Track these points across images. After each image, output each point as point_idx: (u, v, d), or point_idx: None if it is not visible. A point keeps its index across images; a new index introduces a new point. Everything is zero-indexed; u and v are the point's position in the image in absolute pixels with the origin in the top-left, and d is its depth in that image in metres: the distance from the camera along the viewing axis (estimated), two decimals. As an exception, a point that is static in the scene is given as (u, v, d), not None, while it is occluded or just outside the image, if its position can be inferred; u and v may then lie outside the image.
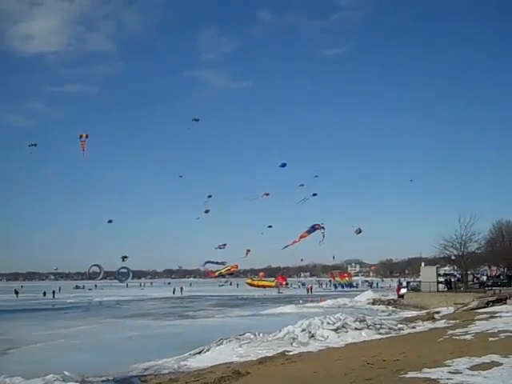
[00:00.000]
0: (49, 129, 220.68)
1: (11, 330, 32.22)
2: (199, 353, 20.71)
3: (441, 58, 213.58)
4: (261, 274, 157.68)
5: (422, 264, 55.92)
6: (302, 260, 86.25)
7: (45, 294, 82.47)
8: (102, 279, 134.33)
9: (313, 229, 60.69)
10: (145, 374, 17.26)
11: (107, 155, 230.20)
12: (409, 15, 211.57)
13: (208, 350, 20.96)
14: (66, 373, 16.16)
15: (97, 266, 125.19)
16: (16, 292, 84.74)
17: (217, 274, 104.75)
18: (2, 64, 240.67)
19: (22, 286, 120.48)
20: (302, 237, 60.64)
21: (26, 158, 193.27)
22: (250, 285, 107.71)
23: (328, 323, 23.56)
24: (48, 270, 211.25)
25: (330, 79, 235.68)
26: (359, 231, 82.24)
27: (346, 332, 23.06)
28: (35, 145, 50.23)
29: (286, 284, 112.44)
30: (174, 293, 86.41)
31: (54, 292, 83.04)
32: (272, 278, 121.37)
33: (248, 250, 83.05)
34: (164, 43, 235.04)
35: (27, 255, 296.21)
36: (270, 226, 73.87)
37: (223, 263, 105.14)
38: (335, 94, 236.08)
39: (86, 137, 46.73)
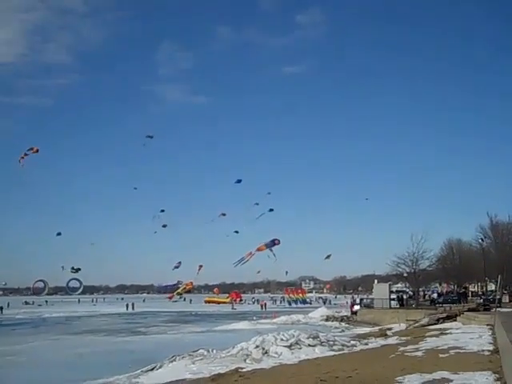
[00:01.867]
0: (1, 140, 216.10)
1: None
2: (152, 370, 20.47)
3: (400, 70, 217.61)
4: (215, 289, 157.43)
5: (375, 281, 56.67)
6: (258, 272, 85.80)
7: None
8: (46, 294, 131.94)
9: (272, 243, 60.62)
10: (96, 391, 16.98)
11: (60, 167, 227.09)
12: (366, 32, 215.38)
13: (161, 367, 20.74)
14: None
15: (41, 281, 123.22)
16: None
17: (175, 294, 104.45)
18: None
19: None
20: (258, 249, 60.43)
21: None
22: (208, 302, 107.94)
23: (282, 340, 23.55)
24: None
25: (289, 94, 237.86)
26: (328, 257, 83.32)
27: (300, 349, 23.08)
28: None
29: (241, 300, 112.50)
30: (127, 309, 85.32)
31: (1, 308, 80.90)
32: (226, 295, 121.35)
33: (200, 266, 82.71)
34: (122, 56, 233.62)
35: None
36: (237, 232, 72.67)
37: (178, 283, 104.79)
38: (294, 107, 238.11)
39: (36, 151, 45.76)
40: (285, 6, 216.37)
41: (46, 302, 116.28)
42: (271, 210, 65.99)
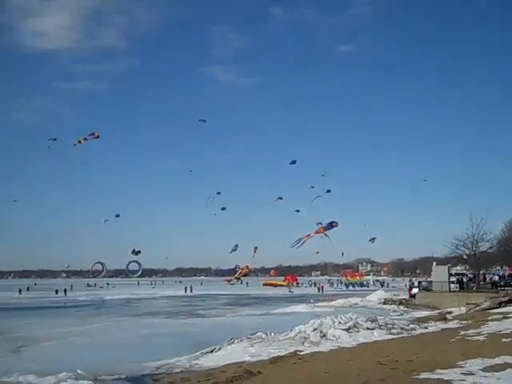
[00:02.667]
0: (58, 125, 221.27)
1: (24, 327, 32.36)
2: (211, 352, 20.73)
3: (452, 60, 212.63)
4: (272, 271, 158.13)
5: (434, 263, 55.67)
6: (317, 252, 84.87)
7: (57, 291, 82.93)
8: (104, 276, 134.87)
9: (330, 225, 60.04)
10: (157, 372, 17.31)
11: (116, 151, 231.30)
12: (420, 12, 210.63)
13: (219, 349, 20.98)
14: (79, 371, 16.24)
15: (99, 263, 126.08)
16: (20, 291, 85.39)
17: (233, 280, 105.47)
18: (12, 60, 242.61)
19: (35, 284, 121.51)
20: (317, 232, 59.99)
21: (34, 155, 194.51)
22: (266, 285, 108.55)
23: (339, 323, 23.49)
24: (60, 267, 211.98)
25: (342, 75, 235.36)
26: (373, 239, 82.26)
27: (358, 332, 22.99)
28: (55, 139, 50.30)
29: (297, 283, 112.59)
30: (185, 291, 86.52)
31: (65, 290, 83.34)
32: (282, 278, 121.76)
33: (255, 248, 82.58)
34: (175, 39, 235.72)
35: (39, 253, 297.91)
36: (298, 211, 71.31)
37: (236, 267, 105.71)
38: (347, 90, 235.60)
39: (97, 137, 46.47)
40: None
41: (108, 284, 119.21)
42: (328, 191, 65.14)
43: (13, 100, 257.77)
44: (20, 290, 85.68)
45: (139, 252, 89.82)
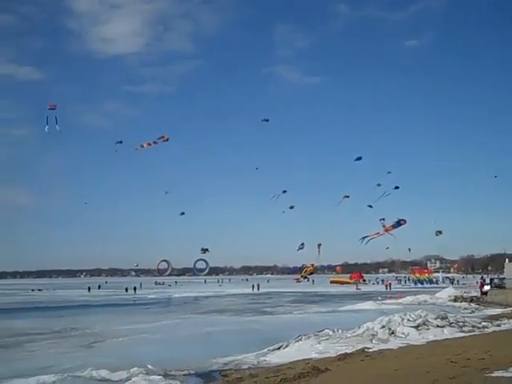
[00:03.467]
0: (125, 128, 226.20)
1: (97, 324, 33.22)
2: (278, 349, 20.74)
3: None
4: (338, 268, 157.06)
5: (507, 260, 54.03)
6: (387, 248, 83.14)
7: (127, 289, 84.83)
8: (169, 275, 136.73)
9: (398, 224, 59.12)
10: (225, 368, 17.42)
11: (182, 151, 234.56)
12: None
13: (287, 346, 20.97)
14: (150, 366, 16.57)
15: (165, 261, 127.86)
16: (89, 288, 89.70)
17: (301, 278, 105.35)
18: (82, 66, 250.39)
19: (106, 282, 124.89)
20: (386, 230, 59.19)
21: (103, 159, 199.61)
22: (333, 282, 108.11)
23: (408, 320, 23.10)
24: (129, 266, 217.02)
25: (409, 71, 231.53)
26: (439, 232, 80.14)
27: (428, 329, 22.54)
28: (121, 142, 51.14)
29: (364, 280, 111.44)
30: (252, 289, 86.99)
31: (135, 288, 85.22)
32: (348, 275, 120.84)
33: (319, 245, 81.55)
34: (239, 40, 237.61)
35: (109, 252, 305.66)
36: (371, 206, 70.08)
37: (302, 266, 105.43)
38: (414, 86, 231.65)
39: (166, 140, 47.03)
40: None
41: (176, 282, 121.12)
42: (396, 187, 63.89)
43: (82, 104, 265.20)
44: (89, 288, 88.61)
45: (207, 250, 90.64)
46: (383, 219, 61.29)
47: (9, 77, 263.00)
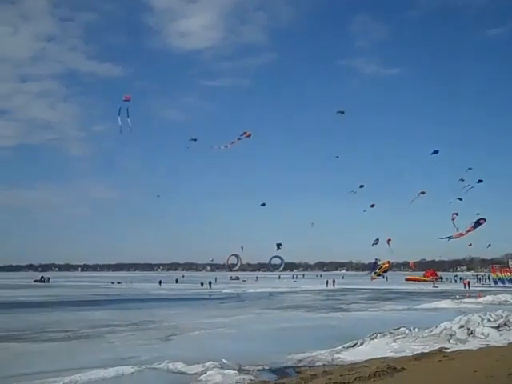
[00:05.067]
0: (201, 122, 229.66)
1: (173, 317, 33.85)
2: (353, 346, 20.56)
3: None
4: (411, 263, 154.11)
5: None
6: (470, 245, 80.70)
7: (202, 284, 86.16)
8: (238, 269, 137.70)
9: (478, 223, 57.68)
10: (299, 365, 17.40)
11: (260, 146, 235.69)
12: None
13: (362, 344, 20.75)
14: (224, 360, 16.77)
15: (235, 255, 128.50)
16: (160, 282, 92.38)
17: (375, 276, 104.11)
18: (160, 61, 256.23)
19: (183, 276, 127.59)
20: (468, 230, 57.91)
21: (179, 152, 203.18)
22: (408, 280, 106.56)
23: (488, 320, 22.41)
24: (204, 261, 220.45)
25: (490, 60, 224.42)
26: None
27: (509, 330, 21.82)
28: (195, 139, 51.39)
29: (439, 278, 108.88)
30: (327, 285, 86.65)
31: (210, 282, 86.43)
32: (422, 272, 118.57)
33: (388, 240, 79.80)
34: (316, 32, 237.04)
35: (185, 246, 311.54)
36: (460, 199, 67.74)
37: (376, 261, 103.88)
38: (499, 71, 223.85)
39: (249, 136, 47.14)
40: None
41: (257, 278, 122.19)
42: (480, 181, 61.78)
43: (160, 99, 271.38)
44: (160, 282, 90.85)
45: (281, 245, 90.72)
46: (456, 214, 60.02)
47: (90, 74, 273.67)
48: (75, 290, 76.98)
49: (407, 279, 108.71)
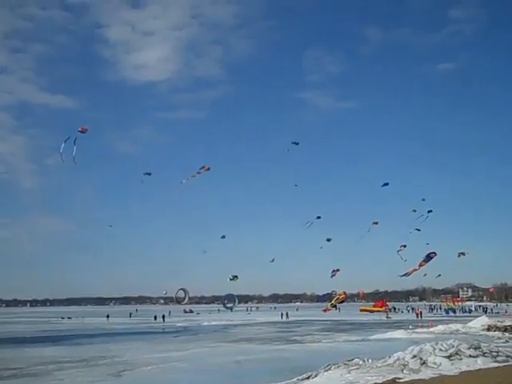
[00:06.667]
0: (156, 154, 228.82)
1: (125, 352, 33.24)
2: (307, 378, 20.47)
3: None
4: (361, 292, 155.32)
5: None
6: (425, 275, 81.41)
7: (155, 317, 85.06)
8: (186, 303, 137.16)
9: (429, 257, 58.90)
10: (254, 398, 17.27)
11: (214, 179, 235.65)
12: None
13: (316, 376, 20.68)
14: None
15: (182, 290, 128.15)
16: (107, 316, 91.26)
17: (330, 307, 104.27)
18: (115, 93, 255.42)
19: (136, 310, 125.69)
20: (420, 265, 59.05)
21: (132, 186, 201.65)
22: (362, 310, 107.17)
23: (440, 350, 22.64)
24: (158, 294, 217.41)
25: (441, 95, 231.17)
26: (462, 254, 78.75)
27: (460, 359, 22.06)
28: (149, 174, 50.97)
29: (391, 309, 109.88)
30: (281, 317, 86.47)
31: (163, 316, 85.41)
32: (372, 303, 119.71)
33: (336, 270, 79.87)
34: (270, 66, 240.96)
35: (139, 280, 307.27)
36: (419, 230, 68.35)
37: (332, 293, 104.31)
38: (444, 110, 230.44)
39: (207, 169, 47.04)
40: (437, 2, 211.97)
41: (210, 312, 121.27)
42: (430, 211, 62.70)
43: (114, 131, 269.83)
44: (108, 316, 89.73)
45: (236, 277, 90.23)
46: (404, 246, 61.17)
47: (42, 105, 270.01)
48: (23, 325, 74.96)
49: (361, 310, 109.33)
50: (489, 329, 48.31)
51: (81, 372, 24.39)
